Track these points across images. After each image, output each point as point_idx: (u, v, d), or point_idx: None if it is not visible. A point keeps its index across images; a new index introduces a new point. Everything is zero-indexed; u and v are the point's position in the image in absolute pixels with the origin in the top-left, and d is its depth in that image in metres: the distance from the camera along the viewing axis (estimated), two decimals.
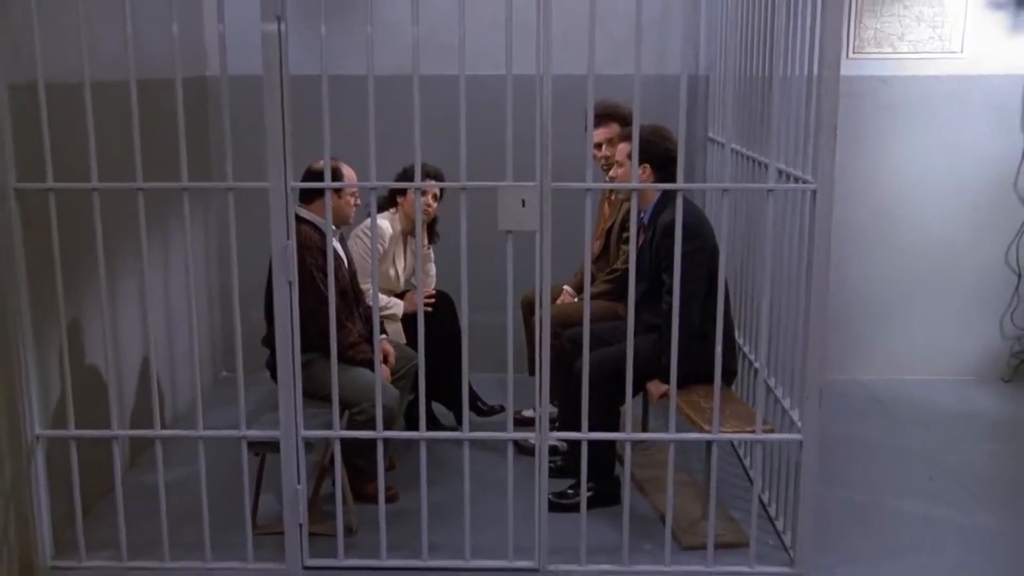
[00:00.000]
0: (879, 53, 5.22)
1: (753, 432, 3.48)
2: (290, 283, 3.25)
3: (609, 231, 4.54)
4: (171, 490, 3.52)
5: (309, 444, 3.49)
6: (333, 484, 3.77)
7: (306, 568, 3.44)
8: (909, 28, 5.17)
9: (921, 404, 5.16)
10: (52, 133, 3.19)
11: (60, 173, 3.23)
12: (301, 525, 3.41)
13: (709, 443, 3.47)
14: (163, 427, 4.28)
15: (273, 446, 3.44)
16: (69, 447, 3.41)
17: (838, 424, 4.81)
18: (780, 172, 3.55)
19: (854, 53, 5.22)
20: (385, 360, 3.96)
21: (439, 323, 4.39)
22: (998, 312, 5.48)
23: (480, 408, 4.69)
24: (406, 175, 4.04)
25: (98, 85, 3.21)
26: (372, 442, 3.48)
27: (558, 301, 4.55)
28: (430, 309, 4.23)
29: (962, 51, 5.22)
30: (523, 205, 3.21)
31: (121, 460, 3.62)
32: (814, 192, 3.26)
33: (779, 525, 3.71)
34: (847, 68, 5.15)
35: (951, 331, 5.50)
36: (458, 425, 4.51)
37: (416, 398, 3.96)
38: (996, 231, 5.39)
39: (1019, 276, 5.39)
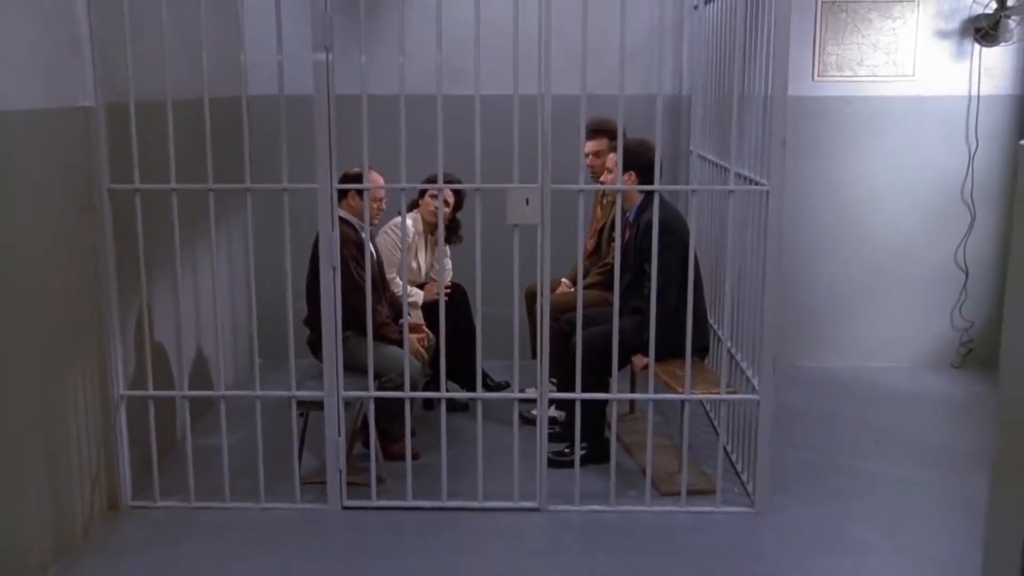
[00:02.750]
0: (841, 76, 5.88)
1: (719, 393, 4.14)
2: (334, 268, 3.92)
3: (601, 231, 5.20)
4: (219, 452, 4.16)
5: (347, 404, 4.14)
6: (364, 445, 4.45)
7: (345, 508, 4.09)
8: (867, 54, 5.84)
9: (879, 387, 5.80)
10: (122, 142, 3.86)
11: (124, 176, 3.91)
12: (341, 471, 4.07)
13: (683, 403, 4.13)
14: (211, 405, 4.99)
15: (317, 405, 4.11)
16: (147, 406, 4.07)
17: (804, 402, 5.47)
18: (744, 177, 4.22)
19: (819, 76, 5.88)
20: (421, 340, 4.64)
21: (453, 312, 5.02)
22: (948, 306, 6.12)
23: (488, 384, 5.34)
24: (428, 182, 4.70)
25: (161, 104, 3.86)
26: (399, 406, 4.14)
27: (557, 291, 5.20)
28: (446, 298, 4.87)
29: (914, 74, 5.87)
30: (527, 203, 3.89)
31: (184, 419, 4.26)
32: (767, 192, 3.92)
33: (744, 477, 4.35)
34: (813, 90, 5.91)
35: (907, 323, 6.14)
36: (470, 401, 5.19)
37: (432, 378, 4.64)
38: (946, 234, 6.04)
39: (966, 274, 6.04)
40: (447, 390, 4.19)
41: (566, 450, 4.51)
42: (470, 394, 4.30)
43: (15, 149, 3.31)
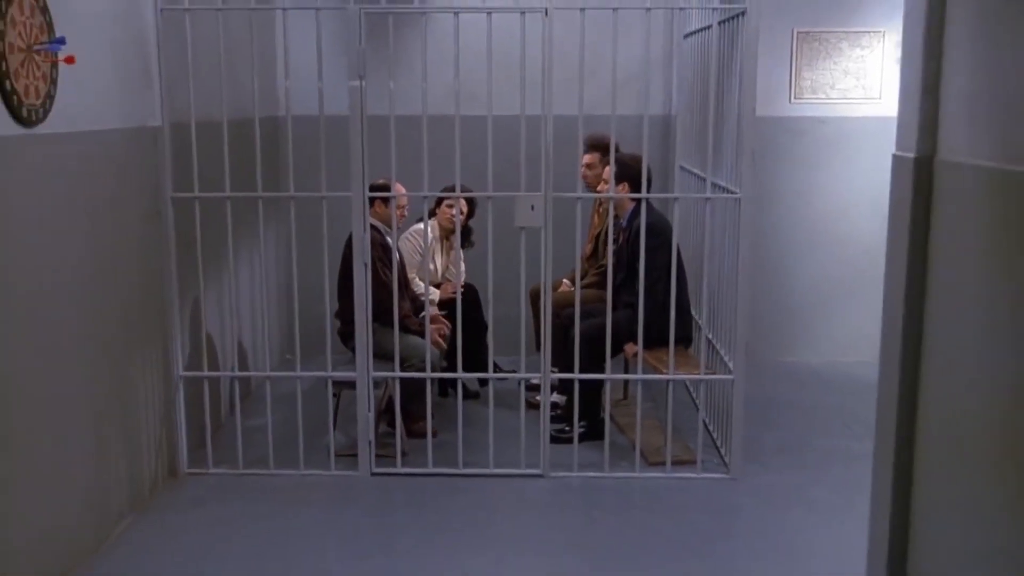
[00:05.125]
0: (815, 99, 6.50)
1: (698, 374, 4.75)
2: (365, 265, 4.54)
3: (598, 236, 5.81)
4: (261, 430, 4.79)
5: (375, 385, 4.74)
6: (388, 425, 5.04)
7: (374, 474, 4.69)
8: (838, 79, 6.47)
9: (851, 378, 6.38)
10: (184, 157, 4.49)
11: (183, 185, 4.53)
12: (370, 442, 4.67)
13: (668, 383, 4.73)
14: (249, 393, 5.61)
15: (349, 384, 4.72)
16: (202, 386, 4.69)
17: (782, 392, 6.07)
18: (720, 187, 4.83)
19: (795, 99, 6.50)
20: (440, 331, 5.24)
21: (467, 309, 5.61)
22: None
23: (498, 371, 5.92)
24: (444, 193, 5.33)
25: (213, 124, 4.50)
26: (420, 388, 4.75)
27: (558, 290, 5.81)
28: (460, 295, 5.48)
29: (880, 97, 6.47)
30: (532, 209, 4.51)
31: (230, 400, 4.87)
32: (739, 200, 4.53)
33: (722, 450, 4.94)
34: (791, 111, 6.52)
35: (877, 321, 6.67)
36: (481, 388, 5.78)
37: (447, 368, 5.25)
38: None
39: None
40: (461, 381, 4.80)
41: (566, 428, 5.10)
42: (482, 374, 4.93)
43: (96, 162, 3.91)
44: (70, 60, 3.36)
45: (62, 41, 3.32)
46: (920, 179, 2.20)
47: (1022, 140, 1.79)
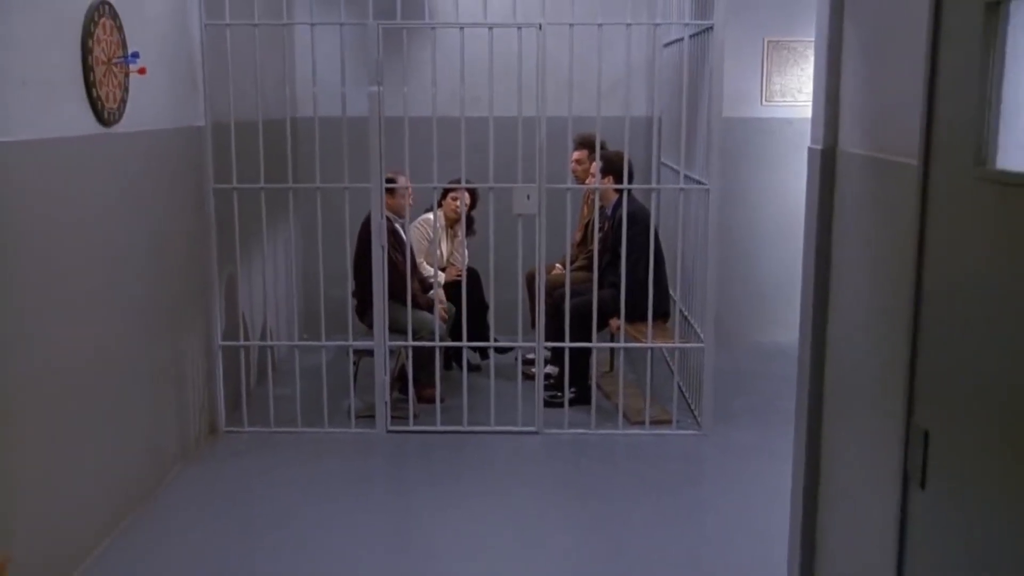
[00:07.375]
0: (784, 102, 7.16)
1: (673, 342, 5.41)
2: (382, 247, 5.19)
3: (587, 225, 6.46)
4: (288, 396, 5.44)
5: (390, 352, 5.39)
6: (401, 392, 5.69)
7: (389, 432, 5.34)
8: (805, 84, 7.11)
9: None
10: (223, 153, 5.14)
11: (223, 178, 5.18)
12: (386, 403, 5.32)
13: (649, 350, 5.39)
14: (275, 365, 6.25)
15: (368, 353, 5.37)
16: (238, 355, 5.34)
17: (754, 366, 6.72)
18: (693, 179, 5.49)
19: (766, 101, 7.16)
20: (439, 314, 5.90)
21: (469, 290, 6.25)
22: None
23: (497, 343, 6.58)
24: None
25: (248, 124, 5.16)
26: (429, 357, 5.40)
27: (551, 272, 6.46)
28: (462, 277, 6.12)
29: None
30: (528, 198, 5.16)
31: (260, 368, 5.50)
32: (708, 190, 5.19)
33: (695, 412, 5.60)
34: (762, 112, 7.17)
35: None
36: (483, 362, 6.44)
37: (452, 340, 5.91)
38: None
39: None
40: (465, 356, 5.46)
41: (558, 394, 5.75)
42: (484, 343, 5.60)
43: (155, 157, 4.55)
44: (143, 71, 4.01)
45: (136, 55, 3.96)
46: (825, 166, 2.83)
47: (885, 134, 2.42)
